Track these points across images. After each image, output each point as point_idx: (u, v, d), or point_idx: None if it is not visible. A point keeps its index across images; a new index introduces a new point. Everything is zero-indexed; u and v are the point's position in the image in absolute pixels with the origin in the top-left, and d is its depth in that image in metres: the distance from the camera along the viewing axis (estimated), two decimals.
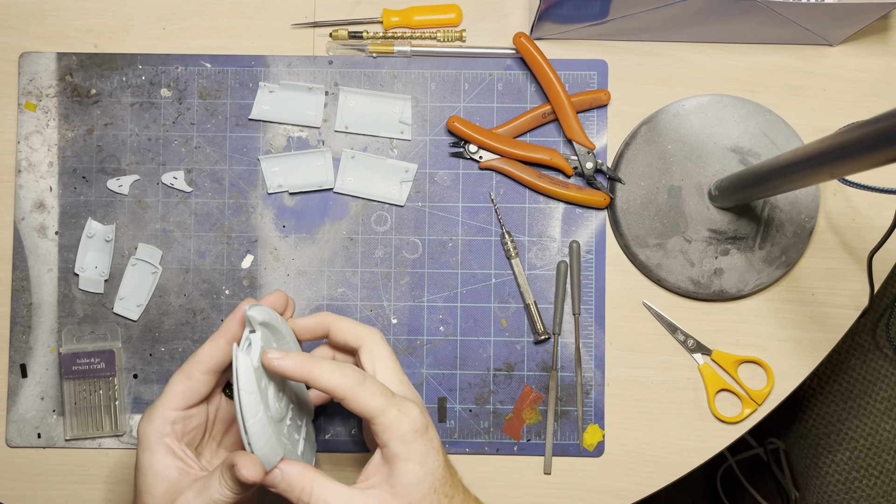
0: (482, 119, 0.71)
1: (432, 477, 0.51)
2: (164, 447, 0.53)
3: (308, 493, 0.50)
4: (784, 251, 0.70)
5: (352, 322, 0.57)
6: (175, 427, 0.54)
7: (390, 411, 0.50)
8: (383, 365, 0.55)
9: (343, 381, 0.50)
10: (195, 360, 0.54)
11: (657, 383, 0.70)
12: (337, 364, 0.51)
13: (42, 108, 0.70)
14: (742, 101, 0.70)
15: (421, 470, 0.51)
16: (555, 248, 0.71)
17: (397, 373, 0.55)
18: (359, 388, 0.50)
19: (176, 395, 0.54)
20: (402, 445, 0.50)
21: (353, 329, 0.56)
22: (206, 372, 0.54)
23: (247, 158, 0.71)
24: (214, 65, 0.71)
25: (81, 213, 0.70)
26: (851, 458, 0.90)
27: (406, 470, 0.50)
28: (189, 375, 0.54)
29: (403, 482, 0.50)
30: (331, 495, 0.50)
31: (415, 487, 0.50)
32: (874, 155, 0.45)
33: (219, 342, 0.54)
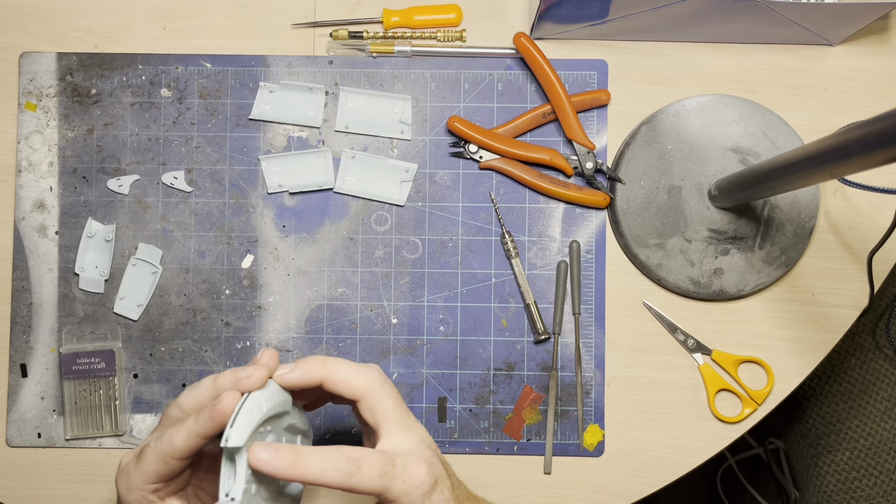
0: (482, 119, 0.71)
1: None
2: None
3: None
4: (784, 251, 0.70)
5: (348, 372, 0.52)
6: (159, 494, 0.51)
7: (394, 487, 0.48)
8: (387, 418, 0.51)
9: (337, 477, 0.48)
10: (169, 449, 0.50)
11: (657, 383, 0.70)
12: (328, 456, 0.48)
13: (42, 108, 0.70)
14: (742, 101, 0.70)
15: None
16: (555, 247, 0.71)
17: (403, 419, 0.52)
18: (355, 479, 0.48)
19: (153, 474, 0.50)
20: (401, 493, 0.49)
21: (350, 383, 0.51)
22: (182, 460, 0.50)
23: (247, 158, 0.71)
24: (214, 65, 0.71)
25: (82, 213, 0.70)
26: (851, 458, 0.90)
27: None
28: (164, 461, 0.50)
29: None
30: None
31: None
32: (874, 155, 0.45)
33: (192, 435, 0.49)
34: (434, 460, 0.51)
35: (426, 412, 0.70)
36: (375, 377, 0.52)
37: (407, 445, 0.50)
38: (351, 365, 0.52)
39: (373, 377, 0.52)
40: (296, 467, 0.47)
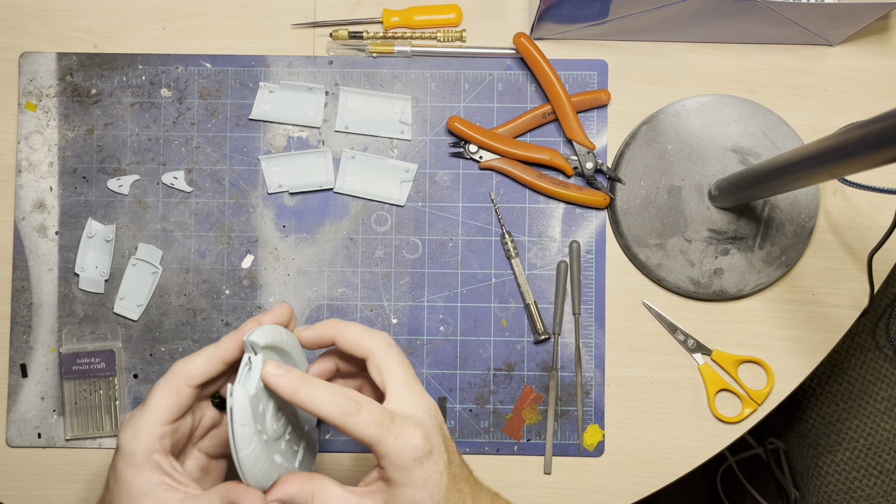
0: (482, 119, 0.71)
1: (431, 501, 0.50)
2: (153, 464, 0.51)
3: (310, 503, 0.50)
4: (784, 251, 0.70)
5: (359, 330, 0.53)
6: (164, 442, 0.51)
7: (387, 441, 0.49)
8: (392, 378, 0.52)
9: (334, 411, 0.49)
10: (185, 373, 0.52)
11: (657, 383, 0.70)
12: (331, 390, 0.49)
13: (42, 108, 0.70)
14: (742, 101, 0.70)
15: (418, 494, 0.49)
16: (555, 248, 0.71)
17: (409, 384, 0.52)
18: (350, 418, 0.49)
19: (164, 410, 0.51)
20: (398, 472, 0.49)
21: (359, 340, 0.53)
22: (196, 386, 0.52)
23: (247, 158, 0.71)
24: (214, 65, 0.71)
25: (82, 213, 0.70)
26: (851, 458, 0.90)
27: (403, 493, 0.49)
28: (178, 390, 0.51)
29: (399, 501, 0.50)
30: (331, 499, 0.50)
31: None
32: (874, 155, 0.45)
33: (213, 359, 0.52)
34: (433, 431, 0.51)
35: None
36: (384, 338, 0.53)
37: (410, 410, 0.51)
38: (361, 327, 0.54)
39: (381, 338, 0.53)
40: (299, 391, 0.49)
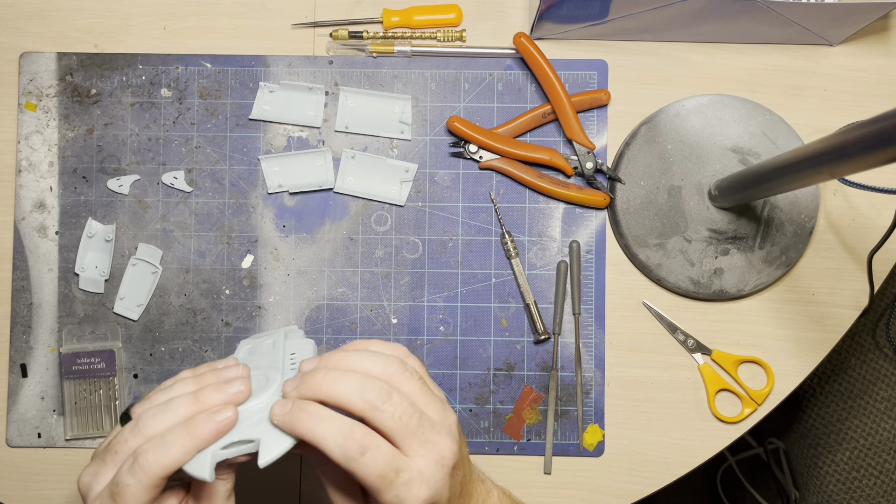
0: (482, 119, 0.71)
1: None
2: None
3: None
4: (784, 251, 0.70)
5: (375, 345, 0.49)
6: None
7: (387, 494, 0.45)
8: (394, 435, 0.47)
9: (336, 451, 0.44)
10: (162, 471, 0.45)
11: (657, 383, 0.70)
12: (337, 425, 0.45)
13: (42, 108, 0.70)
14: (742, 100, 0.70)
15: None
16: (555, 247, 0.71)
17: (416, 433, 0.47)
18: (353, 463, 0.45)
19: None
20: None
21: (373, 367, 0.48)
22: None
23: (247, 158, 0.71)
24: (214, 65, 0.71)
25: (82, 213, 0.70)
26: (851, 458, 0.90)
27: None
28: (156, 486, 0.46)
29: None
30: None
31: None
32: (874, 155, 0.45)
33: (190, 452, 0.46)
34: (442, 486, 0.47)
35: None
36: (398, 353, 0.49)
37: (421, 463, 0.46)
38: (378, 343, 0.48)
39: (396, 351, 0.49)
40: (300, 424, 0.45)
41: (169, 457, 0.45)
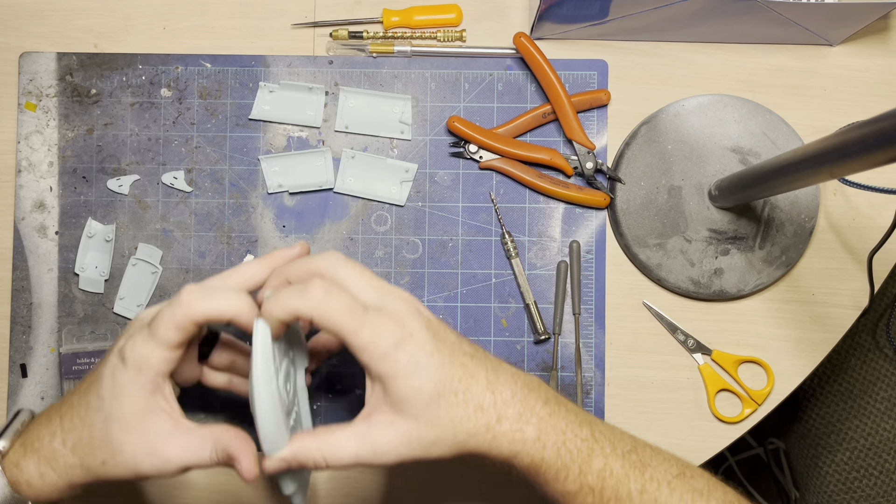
0: (482, 119, 0.71)
1: (430, 382, 0.47)
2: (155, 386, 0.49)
3: (322, 459, 0.48)
4: (784, 251, 0.70)
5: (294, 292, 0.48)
6: (170, 366, 0.49)
7: (363, 332, 0.46)
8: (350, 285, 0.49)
9: (304, 305, 0.46)
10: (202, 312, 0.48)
11: (657, 383, 0.70)
12: (302, 286, 0.47)
13: (42, 108, 0.70)
14: (742, 100, 0.70)
15: (415, 381, 0.46)
16: (555, 247, 0.71)
17: (370, 283, 0.49)
18: (321, 307, 0.46)
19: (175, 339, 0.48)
20: (383, 364, 0.46)
21: (304, 269, 0.50)
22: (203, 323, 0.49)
23: (247, 158, 0.71)
24: (214, 65, 0.71)
25: (81, 213, 0.70)
26: (851, 458, 0.90)
27: (399, 386, 0.47)
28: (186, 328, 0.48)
29: (400, 398, 0.47)
30: (343, 449, 0.47)
31: (414, 400, 0.47)
32: (874, 155, 0.45)
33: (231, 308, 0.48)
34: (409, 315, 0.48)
35: None
36: (332, 254, 0.50)
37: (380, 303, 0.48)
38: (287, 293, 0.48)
39: (328, 255, 0.50)
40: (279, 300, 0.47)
41: (211, 303, 0.48)
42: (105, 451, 0.50)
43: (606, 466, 0.50)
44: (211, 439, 0.49)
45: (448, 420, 0.47)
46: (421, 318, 0.49)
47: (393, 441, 0.47)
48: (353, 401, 0.69)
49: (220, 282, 0.51)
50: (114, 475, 0.51)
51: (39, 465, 0.51)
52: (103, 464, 0.50)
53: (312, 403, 0.69)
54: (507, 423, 0.49)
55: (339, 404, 0.69)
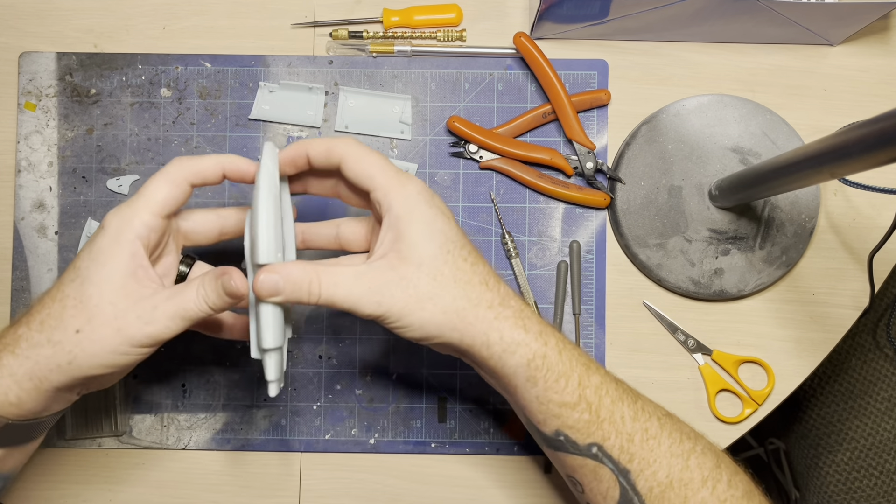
0: (482, 119, 0.71)
1: (443, 236, 0.46)
2: (135, 249, 0.46)
3: (317, 285, 0.46)
4: (784, 251, 0.69)
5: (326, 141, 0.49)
6: (151, 235, 0.47)
7: (389, 171, 0.46)
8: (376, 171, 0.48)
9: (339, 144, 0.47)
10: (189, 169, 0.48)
11: (657, 383, 0.70)
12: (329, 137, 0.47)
13: (42, 108, 0.70)
14: (742, 100, 0.70)
15: (428, 229, 0.45)
16: (555, 248, 0.71)
17: (397, 172, 0.49)
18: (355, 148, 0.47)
19: (159, 201, 0.47)
20: (405, 205, 0.46)
21: (330, 150, 0.49)
22: (193, 184, 0.48)
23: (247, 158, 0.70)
24: (214, 65, 0.71)
25: (81, 213, 0.70)
26: (852, 459, 0.90)
27: (412, 231, 0.45)
28: (177, 184, 0.47)
29: (409, 242, 0.45)
30: (338, 279, 0.46)
31: (423, 245, 0.45)
32: (875, 155, 0.45)
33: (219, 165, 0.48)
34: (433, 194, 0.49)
35: (426, 412, 0.70)
36: (352, 140, 0.50)
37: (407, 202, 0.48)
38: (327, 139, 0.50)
39: (350, 140, 0.50)
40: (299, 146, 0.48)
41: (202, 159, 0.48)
42: (79, 318, 0.45)
43: (603, 384, 0.49)
44: (195, 284, 0.47)
45: (452, 280, 0.46)
46: (438, 198, 0.50)
47: (391, 284, 0.45)
48: (352, 401, 0.69)
49: (213, 157, 0.51)
50: (91, 346, 0.45)
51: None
52: (77, 332, 0.45)
53: (312, 403, 0.69)
54: (510, 310, 0.47)
55: (339, 404, 0.69)
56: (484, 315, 0.46)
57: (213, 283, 0.46)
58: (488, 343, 0.47)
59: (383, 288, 0.45)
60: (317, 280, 0.45)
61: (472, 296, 0.46)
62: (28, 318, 0.47)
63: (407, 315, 0.46)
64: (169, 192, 0.47)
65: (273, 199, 0.47)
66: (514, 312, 0.48)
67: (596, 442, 0.48)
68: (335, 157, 0.47)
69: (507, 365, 0.47)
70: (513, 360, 0.47)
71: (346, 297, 0.45)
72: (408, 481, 0.69)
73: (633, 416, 0.50)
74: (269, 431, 0.69)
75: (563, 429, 0.49)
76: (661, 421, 0.51)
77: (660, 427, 0.50)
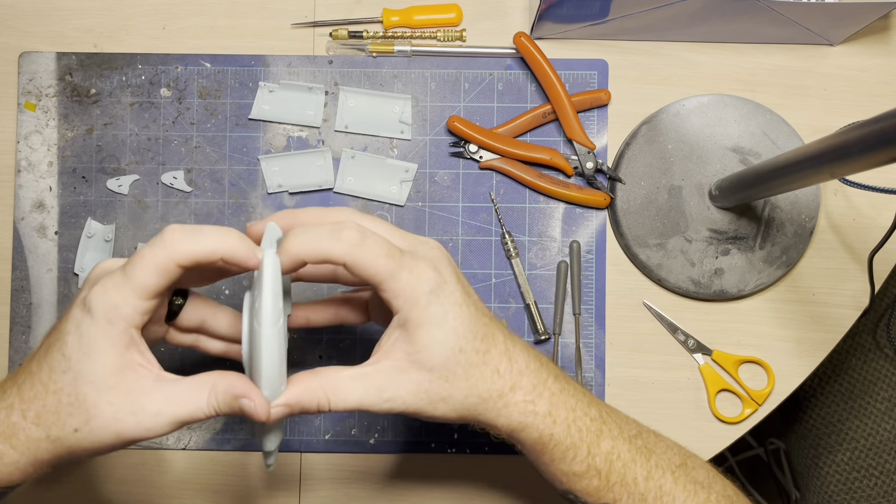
0: (482, 119, 0.71)
1: (455, 335, 0.45)
2: (129, 339, 0.44)
3: (325, 402, 0.45)
4: (785, 251, 0.69)
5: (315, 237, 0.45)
6: (143, 317, 0.44)
7: (400, 275, 0.44)
8: (379, 231, 0.47)
9: (338, 247, 0.43)
10: (182, 252, 0.43)
11: (657, 383, 0.70)
12: (334, 226, 0.44)
13: (42, 108, 0.70)
14: (742, 100, 0.70)
15: (439, 331, 0.45)
16: (555, 248, 0.71)
17: (395, 230, 0.48)
18: (357, 250, 0.43)
19: (149, 288, 0.43)
20: (415, 310, 0.45)
21: (321, 219, 0.47)
22: (187, 268, 0.44)
23: (247, 158, 0.70)
24: (214, 64, 0.71)
25: (81, 213, 0.70)
26: (852, 459, 0.90)
27: (422, 334, 0.45)
28: (168, 271, 0.43)
29: (420, 346, 0.45)
30: (348, 391, 0.45)
31: (434, 350, 0.45)
32: (875, 155, 0.45)
33: (219, 251, 0.44)
34: (442, 262, 0.47)
35: None
36: (347, 211, 0.47)
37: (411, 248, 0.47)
38: (316, 232, 0.45)
39: (343, 211, 0.47)
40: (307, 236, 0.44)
41: (198, 241, 0.43)
42: (77, 417, 0.44)
43: (614, 449, 0.49)
44: (206, 385, 0.45)
45: (463, 378, 0.46)
46: (452, 267, 0.48)
47: (402, 388, 0.45)
48: None
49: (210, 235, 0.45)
50: (90, 444, 0.44)
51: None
52: (76, 431, 0.44)
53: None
54: (520, 394, 0.47)
55: None
56: (493, 405, 0.47)
57: (229, 400, 0.44)
58: (497, 425, 0.48)
59: (393, 392, 0.46)
60: (325, 397, 0.45)
61: (482, 390, 0.47)
62: (22, 403, 0.45)
63: (419, 412, 0.47)
64: (158, 281, 0.44)
65: (276, 326, 0.44)
66: (524, 395, 0.48)
67: (607, 503, 0.49)
68: (336, 261, 0.45)
69: (516, 439, 0.49)
70: (521, 436, 0.49)
71: (359, 403, 0.46)
72: (408, 481, 0.69)
73: (647, 476, 0.50)
74: None
75: (572, 491, 0.50)
76: (675, 475, 0.51)
77: (674, 482, 0.51)
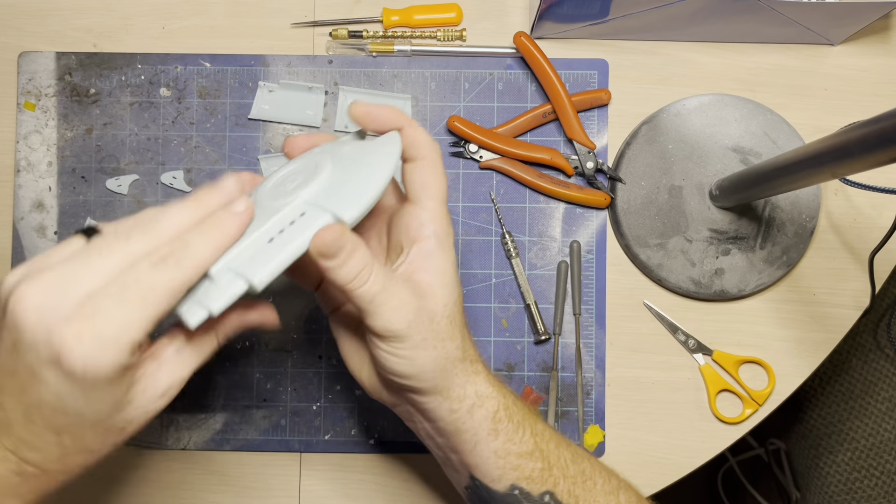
0: (482, 119, 0.71)
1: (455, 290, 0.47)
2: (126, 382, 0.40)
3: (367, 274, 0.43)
4: (785, 251, 0.69)
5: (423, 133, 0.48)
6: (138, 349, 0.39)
7: (444, 200, 0.48)
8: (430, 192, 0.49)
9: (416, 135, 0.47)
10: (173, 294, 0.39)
11: (658, 384, 0.70)
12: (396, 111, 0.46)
13: (41, 108, 0.70)
14: (743, 100, 0.70)
15: (450, 278, 0.47)
16: (555, 247, 0.71)
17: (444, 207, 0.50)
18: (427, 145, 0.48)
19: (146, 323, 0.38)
20: (442, 242, 0.47)
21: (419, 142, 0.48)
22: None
23: (246, 158, 0.70)
24: (214, 64, 0.71)
25: (80, 213, 0.70)
26: (852, 459, 0.90)
27: (437, 269, 0.46)
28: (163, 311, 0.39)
29: (437, 272, 0.46)
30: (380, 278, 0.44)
31: (443, 292, 0.47)
32: (875, 154, 0.45)
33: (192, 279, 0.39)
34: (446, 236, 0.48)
35: None
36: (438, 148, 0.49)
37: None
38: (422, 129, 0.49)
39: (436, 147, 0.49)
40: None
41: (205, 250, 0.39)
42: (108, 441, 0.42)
43: (546, 429, 0.51)
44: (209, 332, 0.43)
45: (459, 327, 0.47)
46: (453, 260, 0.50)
47: (419, 311, 0.45)
48: (352, 401, 0.69)
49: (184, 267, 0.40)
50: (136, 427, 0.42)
51: None
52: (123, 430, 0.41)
53: (312, 403, 0.69)
54: (481, 364, 0.50)
55: (339, 404, 0.69)
56: (465, 368, 0.48)
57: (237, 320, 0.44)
58: (462, 396, 0.48)
59: (410, 311, 0.45)
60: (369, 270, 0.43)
61: (464, 348, 0.48)
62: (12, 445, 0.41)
63: (415, 346, 0.46)
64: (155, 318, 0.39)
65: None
66: (484, 367, 0.50)
67: (549, 490, 0.50)
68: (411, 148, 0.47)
69: (472, 418, 0.48)
70: (479, 414, 0.48)
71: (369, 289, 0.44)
72: (408, 481, 0.69)
73: (573, 459, 0.51)
74: (269, 432, 0.69)
75: (519, 482, 0.49)
76: (591, 461, 0.53)
77: (591, 467, 0.52)
